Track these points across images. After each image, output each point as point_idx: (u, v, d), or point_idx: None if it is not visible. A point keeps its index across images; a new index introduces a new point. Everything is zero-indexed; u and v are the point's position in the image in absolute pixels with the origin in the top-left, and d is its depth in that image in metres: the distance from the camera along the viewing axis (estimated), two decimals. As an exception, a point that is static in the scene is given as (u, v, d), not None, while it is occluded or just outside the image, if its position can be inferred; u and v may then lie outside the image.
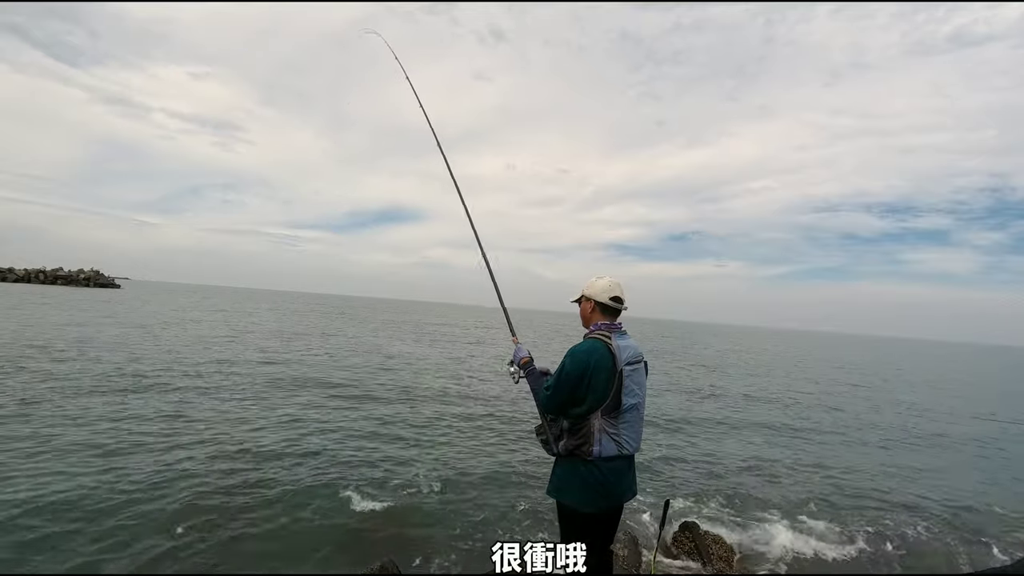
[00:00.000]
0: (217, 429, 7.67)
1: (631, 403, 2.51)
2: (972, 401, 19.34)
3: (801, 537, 5.62)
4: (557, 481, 2.59)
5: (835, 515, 6.33)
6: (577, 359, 2.47)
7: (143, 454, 6.35)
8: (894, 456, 9.56)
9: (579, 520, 2.55)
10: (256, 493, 5.48)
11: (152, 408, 8.56)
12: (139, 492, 5.25)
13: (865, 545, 5.53)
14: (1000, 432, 13.05)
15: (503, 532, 5.16)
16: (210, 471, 5.99)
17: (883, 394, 19.10)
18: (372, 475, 6.38)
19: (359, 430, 8.35)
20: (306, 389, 11.32)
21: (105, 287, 68.40)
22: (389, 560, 4.12)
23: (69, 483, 5.30)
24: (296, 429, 8.06)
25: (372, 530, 4.97)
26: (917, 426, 12.93)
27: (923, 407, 16.36)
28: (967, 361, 59.37)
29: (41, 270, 64.10)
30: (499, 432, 8.98)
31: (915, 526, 6.16)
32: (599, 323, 2.64)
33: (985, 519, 6.59)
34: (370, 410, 9.86)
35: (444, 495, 5.95)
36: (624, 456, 2.52)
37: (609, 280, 2.69)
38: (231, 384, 11.13)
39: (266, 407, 9.34)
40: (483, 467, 7.08)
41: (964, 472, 8.91)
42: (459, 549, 4.78)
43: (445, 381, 14.09)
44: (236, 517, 4.93)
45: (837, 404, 15.51)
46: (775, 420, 12.10)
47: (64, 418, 7.54)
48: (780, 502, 6.62)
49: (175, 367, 12.54)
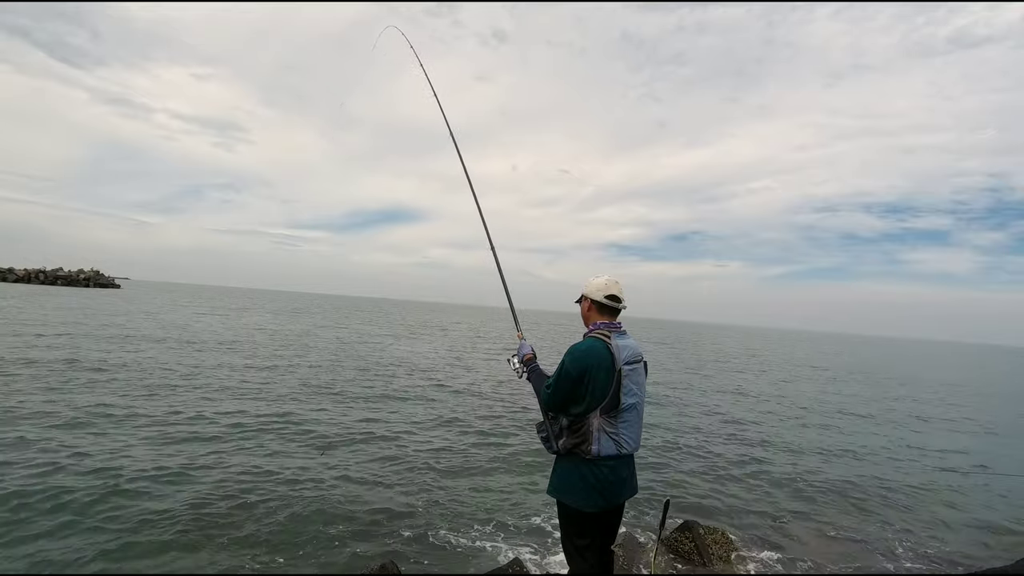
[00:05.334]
0: (218, 428, 7.69)
1: (630, 402, 2.51)
2: (975, 402, 19.33)
3: (801, 537, 5.62)
4: (557, 480, 2.59)
5: (835, 515, 6.33)
6: (576, 358, 2.48)
7: (142, 450, 6.36)
8: (895, 456, 9.56)
9: (579, 520, 2.55)
10: (256, 493, 5.48)
11: (153, 407, 8.58)
12: (139, 491, 5.26)
13: (865, 545, 5.53)
14: (1000, 433, 13.04)
15: (503, 531, 5.16)
16: (210, 471, 5.99)
17: (886, 394, 19.10)
18: (372, 475, 6.38)
19: (359, 430, 8.35)
20: (305, 389, 11.33)
21: (105, 287, 68.40)
22: (389, 560, 4.12)
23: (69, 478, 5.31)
24: (296, 430, 8.07)
25: (372, 530, 4.97)
26: (918, 425, 12.93)
27: (923, 406, 16.36)
28: (971, 361, 59.37)
29: (41, 270, 64.10)
30: (499, 431, 8.99)
31: (915, 526, 6.16)
32: (598, 322, 2.65)
33: (985, 519, 6.59)
34: (370, 410, 9.87)
35: (444, 494, 5.95)
36: (623, 455, 2.52)
37: (607, 279, 2.69)
38: (246, 385, 11.15)
39: (267, 406, 9.35)
40: (483, 466, 7.09)
41: (964, 472, 8.90)
42: (459, 549, 4.78)
43: (447, 380, 14.11)
44: (236, 517, 4.92)
45: (837, 404, 15.51)
46: (776, 420, 12.11)
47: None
48: (780, 502, 6.62)
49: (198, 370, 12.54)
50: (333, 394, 11.04)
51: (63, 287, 60.37)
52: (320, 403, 10.06)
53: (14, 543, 4.16)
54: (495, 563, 4.43)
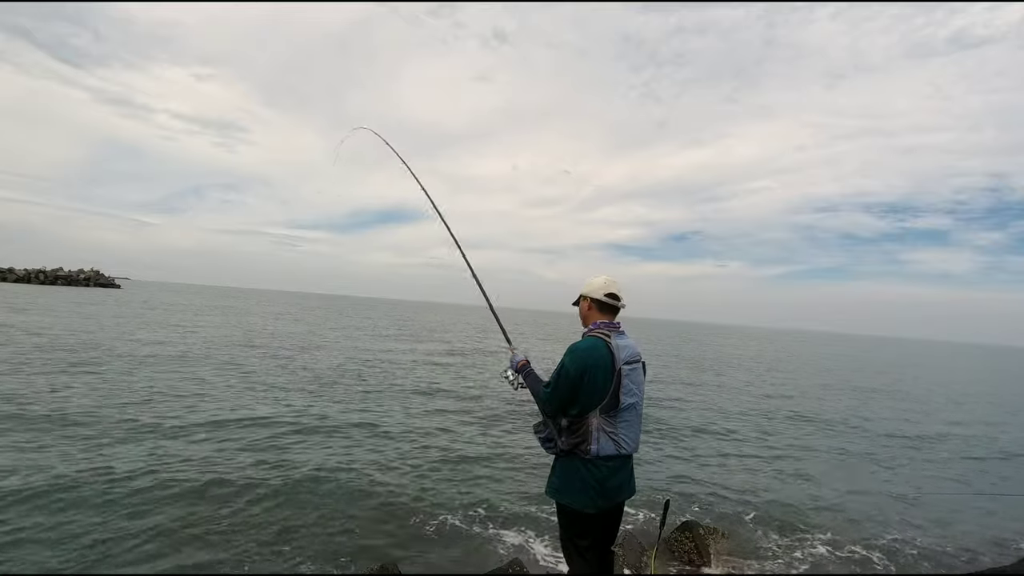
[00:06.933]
0: (218, 429, 7.68)
1: (629, 402, 2.51)
2: (978, 402, 19.32)
3: (802, 537, 5.61)
4: (556, 481, 2.58)
5: (835, 515, 6.32)
6: (577, 357, 2.47)
7: (136, 445, 6.36)
8: (896, 456, 9.55)
9: (579, 520, 2.55)
10: (256, 493, 5.47)
11: (155, 405, 8.58)
12: (137, 490, 5.25)
13: (865, 545, 5.52)
14: (1000, 432, 13.03)
15: (503, 531, 5.15)
16: (210, 470, 5.99)
17: (888, 394, 19.08)
18: (371, 475, 6.38)
19: (359, 430, 8.35)
20: (306, 390, 11.33)
21: (105, 287, 68.41)
22: (389, 560, 4.12)
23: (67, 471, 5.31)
24: (297, 429, 8.07)
25: (372, 530, 4.96)
26: (918, 427, 12.92)
27: (921, 409, 16.35)
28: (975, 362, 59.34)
29: (41, 270, 64.10)
30: (499, 431, 8.98)
31: (915, 526, 6.15)
32: (598, 322, 2.64)
33: (985, 519, 6.58)
34: (369, 409, 9.86)
35: (443, 494, 5.94)
36: (622, 455, 2.52)
37: (605, 278, 2.69)
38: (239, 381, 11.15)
39: (268, 406, 9.35)
40: (483, 466, 7.08)
41: (965, 471, 8.90)
42: (459, 549, 4.77)
43: (447, 379, 14.10)
44: (236, 517, 4.92)
45: (839, 403, 15.50)
46: (776, 420, 12.10)
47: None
48: (781, 502, 6.61)
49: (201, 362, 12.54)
50: (333, 394, 11.04)
51: (63, 287, 60.37)
52: (319, 403, 10.06)
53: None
54: (495, 563, 4.42)
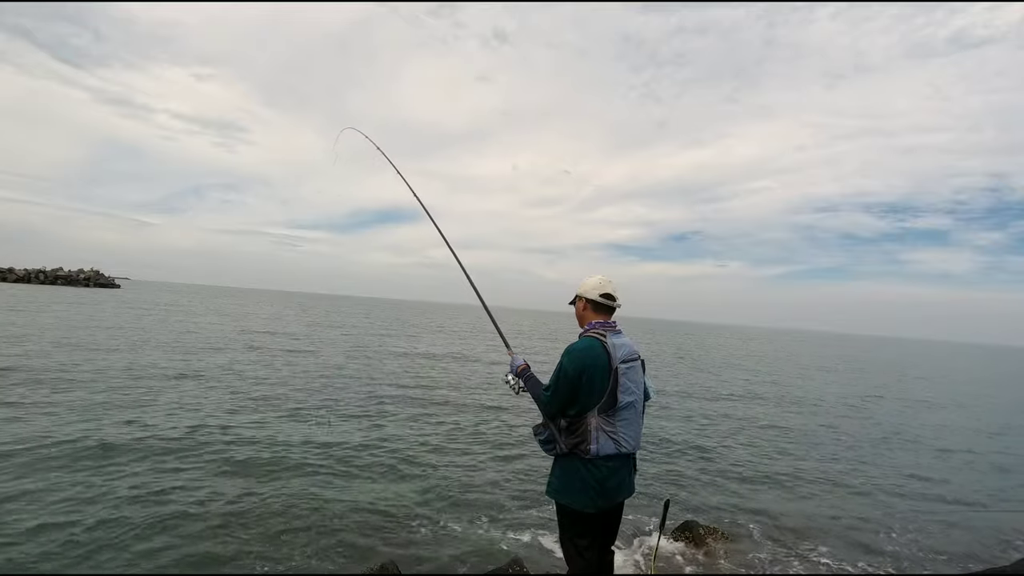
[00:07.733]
0: (219, 427, 7.69)
1: (627, 401, 2.51)
2: (978, 402, 19.32)
3: (802, 537, 5.61)
4: (556, 482, 2.58)
5: (836, 515, 6.31)
6: (574, 357, 2.48)
7: (140, 447, 6.37)
8: (896, 456, 9.56)
9: (579, 520, 2.55)
10: (256, 493, 5.48)
11: (156, 404, 8.58)
12: (136, 490, 5.26)
13: (865, 546, 5.52)
14: (1001, 431, 13.04)
15: (503, 531, 5.15)
16: (209, 471, 6.00)
17: (894, 395, 19.09)
18: (370, 475, 6.38)
19: (359, 429, 8.35)
20: (305, 387, 11.34)
21: (105, 287, 68.41)
22: (389, 560, 4.12)
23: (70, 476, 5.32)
24: (296, 429, 8.07)
25: (372, 530, 4.96)
26: (918, 427, 12.92)
27: (930, 408, 16.35)
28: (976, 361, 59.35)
29: (41, 270, 64.08)
30: (499, 431, 8.98)
31: (916, 526, 6.14)
32: (594, 322, 2.65)
33: (985, 520, 6.58)
34: (369, 408, 9.87)
35: (443, 494, 5.94)
36: (623, 455, 2.52)
37: (600, 278, 2.70)
38: (236, 384, 11.16)
39: (270, 405, 9.36)
40: (483, 466, 7.08)
41: (965, 471, 8.90)
42: (459, 549, 4.77)
43: (445, 379, 14.10)
44: (236, 517, 4.92)
45: (839, 404, 15.50)
46: (776, 420, 12.10)
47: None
48: (781, 502, 6.61)
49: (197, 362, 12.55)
50: (331, 394, 11.05)
51: (63, 287, 60.37)
52: (320, 401, 10.07)
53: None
54: (495, 563, 4.43)
